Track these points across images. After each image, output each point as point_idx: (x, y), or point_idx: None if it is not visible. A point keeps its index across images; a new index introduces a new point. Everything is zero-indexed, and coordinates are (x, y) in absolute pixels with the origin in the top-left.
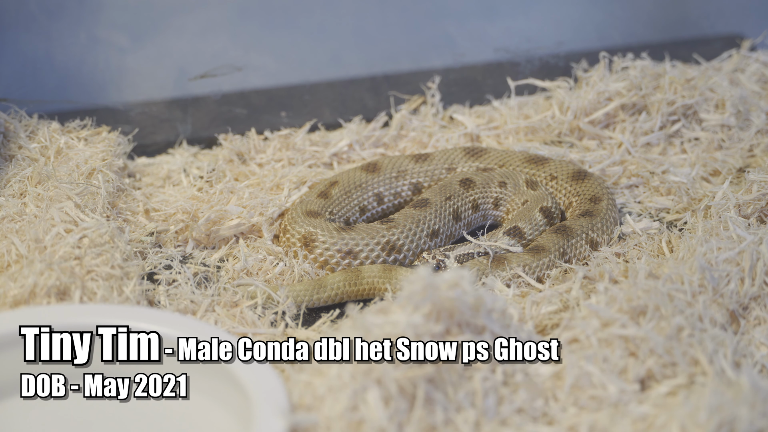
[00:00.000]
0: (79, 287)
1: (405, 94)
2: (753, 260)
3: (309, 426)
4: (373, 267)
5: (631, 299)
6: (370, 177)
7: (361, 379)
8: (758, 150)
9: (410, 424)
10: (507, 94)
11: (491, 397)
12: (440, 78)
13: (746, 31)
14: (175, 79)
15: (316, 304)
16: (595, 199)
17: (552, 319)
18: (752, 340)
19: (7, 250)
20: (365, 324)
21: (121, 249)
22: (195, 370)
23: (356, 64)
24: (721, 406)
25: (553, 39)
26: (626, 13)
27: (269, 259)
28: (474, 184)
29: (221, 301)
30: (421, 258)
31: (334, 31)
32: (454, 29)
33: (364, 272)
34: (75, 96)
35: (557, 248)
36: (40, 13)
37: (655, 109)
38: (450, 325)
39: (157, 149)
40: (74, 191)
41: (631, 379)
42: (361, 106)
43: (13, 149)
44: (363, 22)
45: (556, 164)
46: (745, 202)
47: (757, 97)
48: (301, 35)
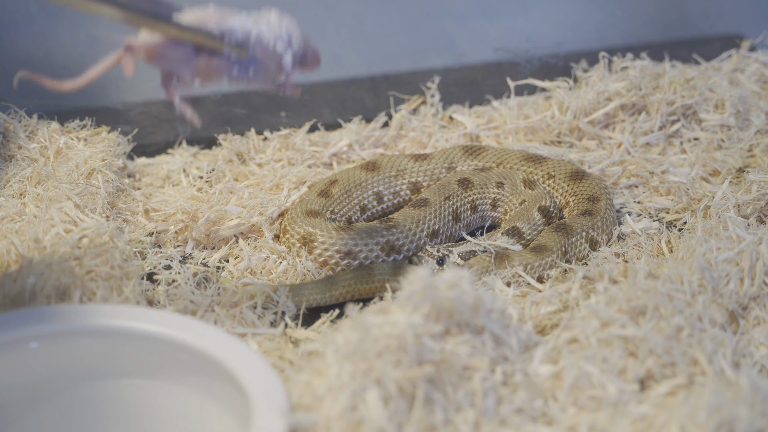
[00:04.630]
0: (79, 287)
1: (405, 94)
2: (752, 260)
3: (308, 426)
4: (384, 264)
5: (631, 299)
6: (370, 176)
7: (360, 379)
8: (758, 150)
9: (410, 424)
10: (507, 94)
11: (491, 397)
12: (440, 78)
13: (746, 31)
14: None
15: (329, 302)
16: (593, 199)
17: (551, 319)
18: (752, 340)
19: (7, 250)
20: (365, 324)
21: (121, 249)
22: (195, 370)
23: (356, 64)
24: (720, 406)
25: (552, 39)
26: (626, 13)
27: (272, 258)
28: (472, 185)
29: (221, 301)
30: (425, 250)
31: (333, 31)
32: (453, 29)
33: (376, 270)
34: (74, 96)
35: (559, 247)
36: (40, 13)
37: (655, 109)
38: (449, 325)
39: (156, 149)
40: (74, 191)
41: (631, 379)
42: (360, 106)
43: (13, 149)
44: (363, 22)
45: (554, 163)
46: (744, 202)
47: (757, 97)
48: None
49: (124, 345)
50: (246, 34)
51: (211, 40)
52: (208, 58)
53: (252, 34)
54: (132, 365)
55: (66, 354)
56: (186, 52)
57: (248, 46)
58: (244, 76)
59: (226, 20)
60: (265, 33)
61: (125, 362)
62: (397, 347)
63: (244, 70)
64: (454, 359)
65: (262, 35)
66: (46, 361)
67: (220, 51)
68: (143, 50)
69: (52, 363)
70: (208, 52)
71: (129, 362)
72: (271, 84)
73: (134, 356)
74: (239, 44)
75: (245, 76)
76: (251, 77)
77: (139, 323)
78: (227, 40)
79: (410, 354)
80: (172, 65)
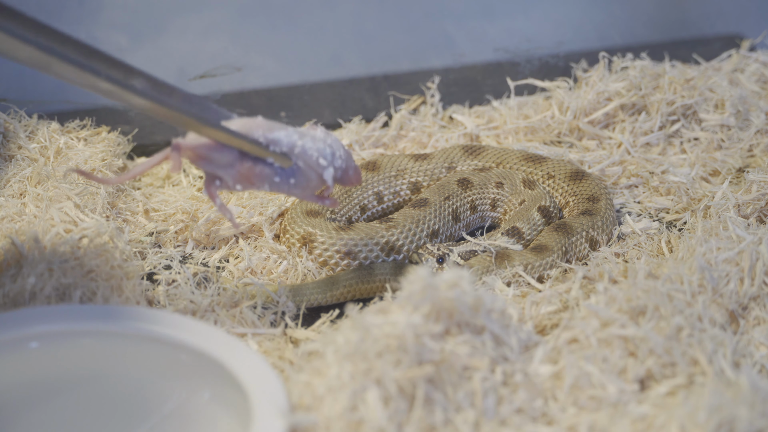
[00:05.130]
0: (79, 287)
1: (404, 94)
2: (752, 260)
3: (308, 426)
4: (384, 264)
5: (631, 299)
6: (370, 175)
7: (360, 379)
8: (758, 150)
9: (410, 425)
10: (507, 94)
11: (491, 398)
12: (440, 78)
13: (746, 31)
14: (175, 79)
15: (329, 302)
16: (593, 199)
17: (551, 319)
18: (752, 340)
19: (7, 251)
20: (365, 324)
21: (121, 249)
22: (195, 370)
23: (356, 64)
24: (720, 406)
25: (552, 39)
26: (626, 14)
27: (272, 257)
28: (472, 185)
29: (221, 301)
30: (425, 248)
31: (333, 31)
32: (453, 29)
33: (376, 270)
34: (74, 96)
35: (560, 247)
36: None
37: (655, 109)
38: (449, 325)
39: (156, 149)
40: (74, 191)
41: (631, 379)
42: (360, 106)
43: (13, 149)
44: (363, 22)
45: (554, 163)
46: (744, 202)
47: (757, 97)
48: (301, 35)
49: (124, 345)
50: (291, 145)
51: (256, 147)
52: (251, 165)
53: (296, 146)
54: (132, 365)
55: (66, 354)
56: (231, 157)
57: (292, 157)
58: (285, 184)
59: (273, 131)
60: (310, 146)
61: (125, 362)
62: (397, 347)
63: (285, 179)
64: (454, 359)
65: (306, 148)
66: (46, 361)
67: (264, 159)
68: (190, 151)
69: (52, 363)
70: (252, 159)
71: (129, 362)
72: (311, 195)
73: (134, 356)
74: (283, 154)
75: (286, 184)
76: (292, 186)
77: (140, 323)
78: (272, 149)
79: (410, 354)
80: (216, 168)
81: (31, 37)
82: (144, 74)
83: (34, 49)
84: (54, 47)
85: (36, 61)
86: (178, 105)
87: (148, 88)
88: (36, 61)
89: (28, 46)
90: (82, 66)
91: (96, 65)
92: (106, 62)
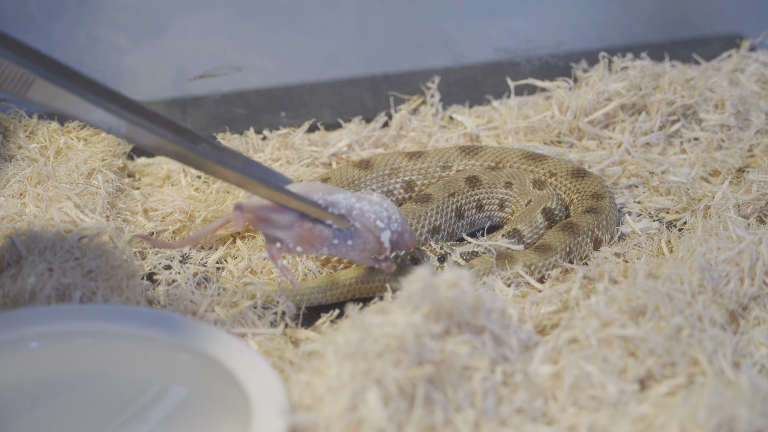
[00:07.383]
0: (79, 287)
1: (404, 94)
2: (752, 260)
3: (308, 426)
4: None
5: (631, 299)
6: (363, 174)
7: (360, 379)
8: (758, 150)
9: (410, 425)
10: (507, 94)
11: (491, 398)
12: (440, 78)
13: (746, 31)
14: (175, 79)
15: (330, 301)
16: (597, 196)
17: (551, 319)
18: (752, 340)
19: (7, 251)
20: (365, 324)
21: (121, 249)
22: (195, 370)
23: (356, 64)
24: (720, 406)
25: (552, 39)
26: (626, 13)
27: None
28: (480, 183)
29: (221, 301)
30: (428, 245)
31: (333, 31)
32: (453, 29)
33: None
34: None
35: (564, 247)
36: (40, 13)
37: (655, 109)
38: (449, 325)
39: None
40: (74, 191)
41: (631, 379)
42: (360, 106)
43: (13, 149)
44: (363, 22)
45: (554, 161)
46: (744, 202)
47: (757, 97)
48: (301, 35)
49: (124, 345)
50: (349, 207)
51: (315, 209)
52: (311, 226)
53: (354, 209)
54: (132, 365)
55: (66, 354)
56: (290, 218)
57: (349, 219)
58: (343, 246)
59: (332, 194)
60: (367, 209)
61: (125, 362)
62: (397, 347)
63: (343, 241)
64: (454, 359)
65: (363, 210)
66: (46, 361)
67: (323, 221)
68: (251, 213)
69: (52, 363)
70: (311, 221)
71: (129, 362)
72: (368, 258)
73: (134, 356)
74: (341, 216)
75: (344, 246)
76: (350, 248)
77: (139, 323)
78: (330, 211)
79: (410, 354)
80: (277, 230)
81: (101, 102)
82: (208, 141)
83: (104, 112)
84: (123, 112)
85: (106, 124)
86: (242, 168)
87: (213, 154)
88: (106, 123)
89: (99, 110)
90: (152, 131)
91: (163, 131)
92: (174, 129)
